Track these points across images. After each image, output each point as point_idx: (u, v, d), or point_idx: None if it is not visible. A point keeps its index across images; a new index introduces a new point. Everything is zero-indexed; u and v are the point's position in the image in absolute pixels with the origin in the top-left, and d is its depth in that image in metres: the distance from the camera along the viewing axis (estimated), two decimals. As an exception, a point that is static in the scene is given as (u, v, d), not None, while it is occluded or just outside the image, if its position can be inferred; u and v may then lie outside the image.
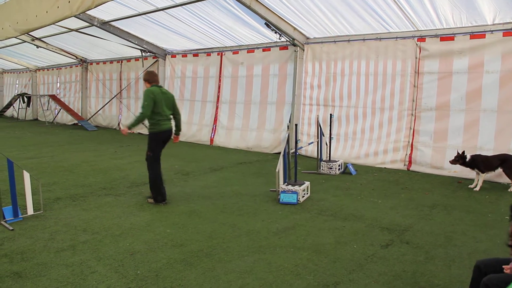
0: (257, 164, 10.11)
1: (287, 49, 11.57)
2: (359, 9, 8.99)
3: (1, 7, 9.75)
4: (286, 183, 7.01)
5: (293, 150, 7.65)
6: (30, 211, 6.09)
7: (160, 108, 6.54)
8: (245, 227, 5.60)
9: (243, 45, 12.64)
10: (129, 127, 6.65)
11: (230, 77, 13.01)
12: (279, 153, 7.40)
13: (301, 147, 10.72)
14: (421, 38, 9.26)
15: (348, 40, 10.33)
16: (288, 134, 7.11)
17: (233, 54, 12.92)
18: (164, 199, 6.73)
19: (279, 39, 10.93)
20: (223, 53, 13.17)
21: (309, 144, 10.32)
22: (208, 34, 12.40)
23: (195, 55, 14.09)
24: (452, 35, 8.86)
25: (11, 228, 5.58)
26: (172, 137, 6.88)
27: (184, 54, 14.48)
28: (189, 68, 14.32)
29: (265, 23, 10.15)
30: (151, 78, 6.70)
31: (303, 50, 11.15)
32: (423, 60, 9.29)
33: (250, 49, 12.45)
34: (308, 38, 11.09)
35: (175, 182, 8.26)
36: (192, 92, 14.22)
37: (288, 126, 7.63)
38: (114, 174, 8.96)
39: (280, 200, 6.67)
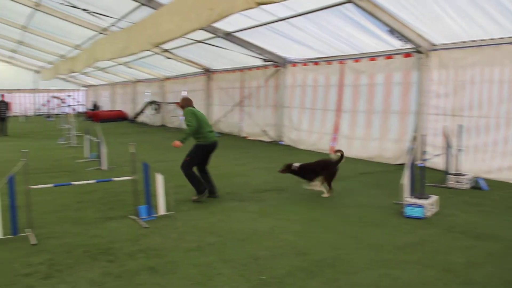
0: (380, 175, 9.85)
1: (412, 56, 11.14)
2: (492, 10, 8.33)
3: (139, 24, 10.64)
4: (412, 196, 6.75)
5: (419, 161, 7.35)
6: (162, 211, 6.56)
7: (203, 122, 7.40)
8: (369, 239, 5.50)
9: (364, 53, 12.43)
10: (182, 141, 7.31)
11: (351, 85, 12.85)
12: (402, 164, 7.17)
13: (428, 159, 10.23)
14: None
15: (479, 45, 9.68)
16: (414, 145, 6.84)
17: (354, 62, 12.76)
18: (207, 189, 7.44)
19: (403, 46, 10.58)
20: (344, 62, 13.06)
21: (436, 156, 9.82)
22: (329, 42, 12.40)
23: (316, 63, 14.14)
24: None
25: (145, 226, 6.06)
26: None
27: (305, 63, 14.61)
28: (310, 76, 14.40)
29: (389, 30, 9.90)
30: (185, 103, 7.54)
31: (429, 57, 10.66)
32: None
33: (372, 57, 12.20)
34: (434, 44, 10.59)
35: (297, 190, 8.33)
36: (313, 100, 14.28)
37: (413, 137, 7.33)
38: (237, 180, 9.30)
39: (405, 214, 6.45)
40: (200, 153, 7.45)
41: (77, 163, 11.72)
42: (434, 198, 6.75)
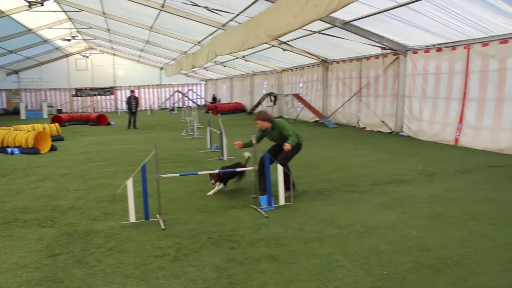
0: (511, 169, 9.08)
1: (552, 36, 10.08)
2: None
3: (257, 18, 10.85)
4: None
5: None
6: (281, 201, 6.67)
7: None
8: (501, 238, 5.10)
9: (494, 35, 11.47)
10: (292, 144, 6.98)
11: (478, 71, 11.95)
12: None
13: None
14: None
15: None
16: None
17: (482, 46, 11.84)
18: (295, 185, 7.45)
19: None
20: (470, 46, 12.19)
21: None
22: (453, 26, 11.63)
23: (439, 50, 13.38)
24: None
25: (266, 215, 6.21)
26: None
27: (427, 50, 13.88)
28: (432, 64, 13.67)
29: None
30: (269, 116, 7.37)
31: None
32: None
33: (503, 40, 11.21)
34: None
35: (419, 183, 8.00)
36: (435, 89, 13.53)
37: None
38: (356, 171, 9.15)
39: (543, 211, 5.90)
40: (296, 151, 7.49)
41: (200, 153, 12.34)
42: None
